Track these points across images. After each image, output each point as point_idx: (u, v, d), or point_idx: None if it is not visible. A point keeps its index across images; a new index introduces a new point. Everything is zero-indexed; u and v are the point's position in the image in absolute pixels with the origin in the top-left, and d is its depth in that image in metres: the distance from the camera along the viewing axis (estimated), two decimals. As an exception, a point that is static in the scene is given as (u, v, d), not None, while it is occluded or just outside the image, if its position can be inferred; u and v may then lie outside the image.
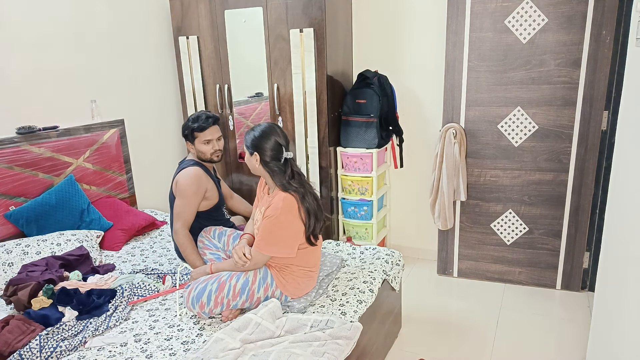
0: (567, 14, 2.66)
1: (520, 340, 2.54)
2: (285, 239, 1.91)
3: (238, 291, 1.91)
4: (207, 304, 1.88)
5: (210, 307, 1.89)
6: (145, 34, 3.35)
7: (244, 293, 1.92)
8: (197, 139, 2.31)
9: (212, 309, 1.89)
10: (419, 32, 3.22)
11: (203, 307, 1.89)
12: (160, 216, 3.18)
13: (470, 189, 3.10)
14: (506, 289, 3.09)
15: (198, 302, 1.89)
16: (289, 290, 1.98)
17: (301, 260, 1.98)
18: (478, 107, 2.95)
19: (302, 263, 1.99)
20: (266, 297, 1.95)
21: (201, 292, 1.90)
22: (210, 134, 2.32)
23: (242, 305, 1.94)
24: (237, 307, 1.94)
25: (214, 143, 2.35)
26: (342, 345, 1.72)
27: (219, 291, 1.90)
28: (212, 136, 2.33)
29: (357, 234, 3.37)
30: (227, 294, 1.90)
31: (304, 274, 2.00)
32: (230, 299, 1.90)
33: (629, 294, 1.52)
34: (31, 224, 2.55)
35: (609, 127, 2.74)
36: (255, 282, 1.94)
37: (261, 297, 1.95)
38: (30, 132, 2.60)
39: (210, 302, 1.88)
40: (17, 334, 1.76)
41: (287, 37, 3.04)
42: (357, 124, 3.17)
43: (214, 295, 1.89)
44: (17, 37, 2.58)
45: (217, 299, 1.89)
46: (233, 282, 1.93)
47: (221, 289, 1.90)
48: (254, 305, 1.95)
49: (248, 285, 1.93)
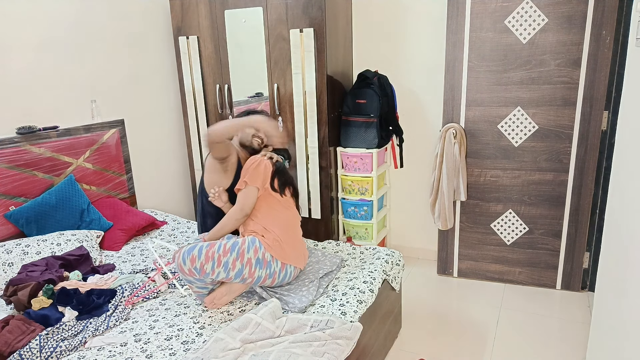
0: (567, 14, 2.66)
1: (520, 340, 2.54)
2: (256, 171, 2.13)
3: (228, 248, 1.96)
4: (197, 258, 1.91)
5: (202, 262, 1.91)
6: (145, 34, 3.36)
7: (234, 250, 1.97)
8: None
9: (203, 264, 1.91)
10: (419, 32, 3.22)
11: (194, 261, 1.91)
12: (160, 216, 3.18)
13: (470, 189, 3.10)
14: (506, 289, 3.09)
15: (189, 256, 1.92)
16: (276, 252, 2.05)
17: (275, 219, 2.12)
18: (478, 107, 2.95)
19: (276, 222, 2.12)
20: (257, 259, 1.99)
21: (192, 248, 1.95)
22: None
23: (232, 264, 1.94)
24: (228, 267, 1.94)
25: (260, 135, 2.37)
26: (342, 345, 1.72)
27: (210, 247, 1.95)
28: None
29: (357, 234, 3.38)
30: (218, 250, 1.95)
31: (284, 236, 2.11)
32: (221, 254, 1.94)
33: (629, 294, 1.52)
34: (31, 224, 2.55)
35: (609, 127, 2.74)
36: (245, 243, 2.01)
37: (252, 258, 1.98)
38: (30, 132, 2.60)
39: (201, 256, 1.92)
40: (17, 334, 1.76)
41: (287, 37, 3.04)
42: (357, 124, 3.17)
43: (204, 250, 1.93)
44: (17, 37, 2.58)
45: (207, 253, 1.93)
46: (224, 241, 2.00)
47: (212, 246, 1.96)
48: (245, 268, 1.96)
49: (238, 245, 1.99)
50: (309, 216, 3.31)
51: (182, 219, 3.17)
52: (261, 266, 2.01)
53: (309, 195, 3.26)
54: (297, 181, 3.27)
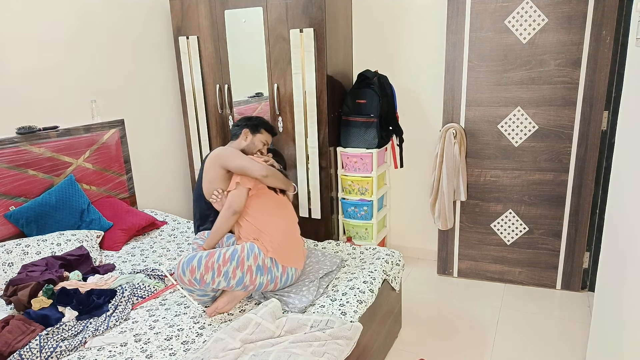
0: (567, 14, 2.66)
1: (520, 340, 2.54)
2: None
3: (228, 257, 1.95)
4: (197, 269, 1.91)
5: (201, 272, 1.91)
6: (145, 34, 3.36)
7: (233, 259, 1.96)
8: (261, 134, 2.45)
9: (202, 275, 1.91)
10: (419, 32, 3.22)
11: (194, 272, 1.91)
12: (160, 216, 3.18)
13: (470, 189, 3.10)
14: (506, 289, 3.09)
15: (188, 267, 1.92)
16: (274, 254, 2.03)
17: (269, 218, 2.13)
18: (478, 107, 2.95)
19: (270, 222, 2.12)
20: (257, 265, 1.98)
21: (191, 258, 1.94)
22: (269, 140, 2.51)
23: (233, 273, 1.94)
24: (229, 276, 1.93)
25: (264, 147, 2.51)
26: (342, 345, 1.72)
27: (209, 257, 1.94)
28: (268, 142, 2.52)
29: (357, 234, 3.38)
30: (218, 259, 1.94)
31: (279, 236, 2.09)
32: (220, 264, 1.93)
33: (629, 294, 1.52)
34: (31, 224, 2.55)
35: (609, 127, 2.74)
36: (244, 250, 1.99)
37: (252, 265, 1.98)
38: (30, 132, 2.60)
39: (200, 267, 1.91)
40: (17, 334, 1.76)
41: (287, 37, 3.04)
42: (357, 124, 3.17)
43: (204, 260, 1.93)
44: (17, 37, 2.58)
45: (207, 264, 1.92)
46: (223, 250, 1.99)
47: (211, 255, 1.95)
48: (246, 276, 1.96)
49: (237, 253, 1.98)
50: (309, 216, 3.31)
51: (182, 219, 3.17)
52: (262, 273, 1.99)
53: (309, 195, 3.26)
54: (297, 181, 3.27)
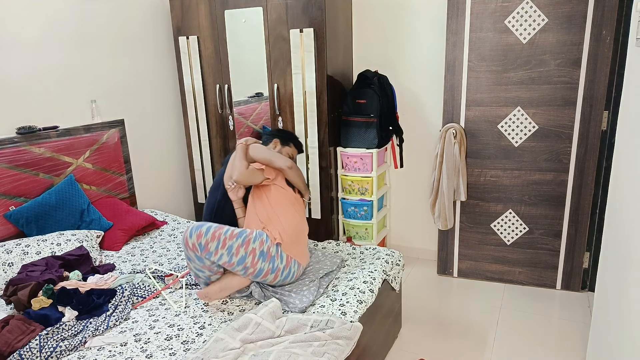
0: (567, 14, 2.66)
1: (520, 340, 2.54)
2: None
3: (235, 234, 2.02)
4: (204, 235, 1.97)
5: (207, 239, 1.97)
6: (145, 34, 3.36)
7: (240, 237, 2.02)
8: (289, 147, 2.57)
9: (208, 242, 1.97)
10: (419, 32, 3.22)
11: (200, 236, 1.97)
12: (160, 216, 3.18)
13: (470, 189, 3.10)
14: (506, 289, 3.09)
15: (197, 231, 1.98)
16: (282, 240, 2.09)
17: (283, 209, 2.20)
18: (478, 107, 2.95)
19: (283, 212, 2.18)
20: (261, 250, 2.03)
21: (201, 225, 2.01)
22: (294, 154, 2.62)
23: (236, 250, 1.99)
24: (232, 252, 1.99)
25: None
26: (342, 345, 1.72)
27: (219, 228, 2.02)
28: (294, 156, 2.63)
29: (357, 234, 3.38)
30: (225, 233, 2.01)
31: (289, 227, 2.15)
32: (227, 237, 2.00)
33: (629, 294, 1.52)
34: (31, 224, 2.55)
35: (609, 127, 2.74)
36: (252, 233, 2.06)
37: (256, 249, 2.03)
38: (30, 132, 2.60)
39: (208, 234, 1.98)
40: (17, 334, 1.76)
41: (287, 37, 3.04)
42: (357, 124, 3.17)
43: (212, 229, 2.00)
44: (17, 37, 2.58)
45: (215, 233, 1.99)
46: (232, 228, 2.06)
47: (220, 227, 2.03)
48: (249, 257, 2.00)
49: (245, 233, 2.05)
50: (309, 216, 3.31)
51: (182, 219, 3.17)
52: (264, 259, 2.03)
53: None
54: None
